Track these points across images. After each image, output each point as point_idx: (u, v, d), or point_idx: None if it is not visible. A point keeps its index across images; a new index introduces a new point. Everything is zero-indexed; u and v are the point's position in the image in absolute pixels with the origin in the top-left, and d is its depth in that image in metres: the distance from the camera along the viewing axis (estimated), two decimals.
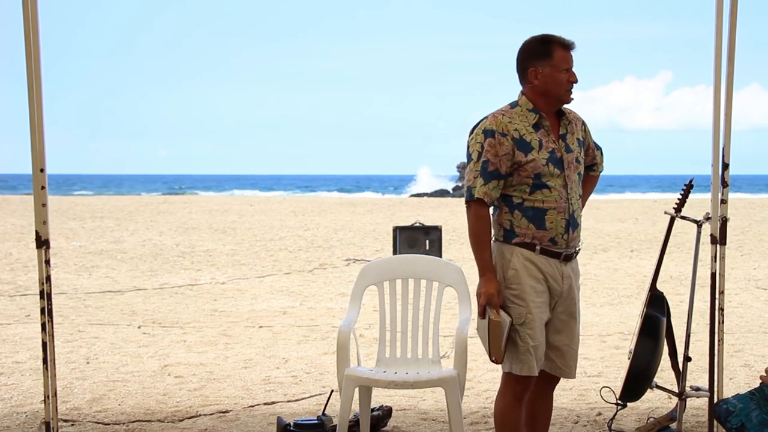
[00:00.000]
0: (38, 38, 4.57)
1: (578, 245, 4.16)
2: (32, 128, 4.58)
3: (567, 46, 4.09)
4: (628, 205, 30.70)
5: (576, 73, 4.12)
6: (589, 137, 4.29)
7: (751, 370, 7.06)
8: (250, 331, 8.89)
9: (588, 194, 4.36)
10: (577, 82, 4.11)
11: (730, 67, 4.64)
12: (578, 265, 4.25)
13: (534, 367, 4.12)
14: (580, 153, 4.19)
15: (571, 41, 4.11)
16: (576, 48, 4.13)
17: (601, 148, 4.38)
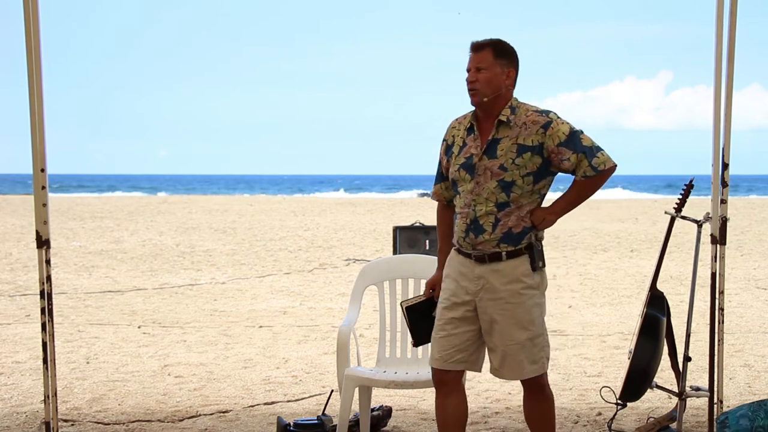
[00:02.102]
0: (39, 38, 4.58)
1: (494, 249, 4.12)
2: (33, 128, 4.58)
3: (471, 47, 4.23)
4: (628, 205, 30.72)
5: (469, 73, 4.19)
6: (551, 142, 4.06)
7: (751, 370, 7.06)
8: (250, 331, 8.89)
9: (573, 199, 4.17)
10: (470, 82, 4.18)
11: (730, 67, 4.64)
12: (522, 276, 4.10)
13: (434, 359, 4.23)
14: (512, 160, 4.09)
15: (474, 42, 4.22)
16: (476, 48, 4.19)
17: (585, 152, 4.06)
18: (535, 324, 4.14)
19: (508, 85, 4.19)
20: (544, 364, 4.20)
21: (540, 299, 4.18)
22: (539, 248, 4.15)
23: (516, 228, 4.10)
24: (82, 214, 24.98)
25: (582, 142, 4.08)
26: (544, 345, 4.19)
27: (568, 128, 4.09)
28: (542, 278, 4.19)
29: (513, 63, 4.21)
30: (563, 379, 6.82)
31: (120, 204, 30.21)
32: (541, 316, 4.19)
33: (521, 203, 4.11)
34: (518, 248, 4.10)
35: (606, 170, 4.09)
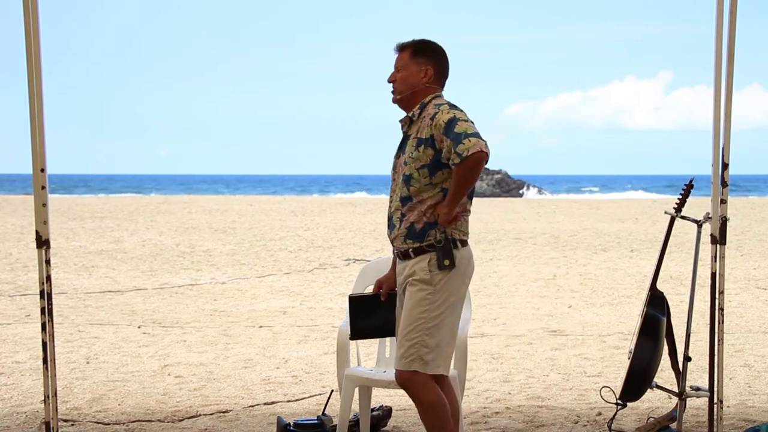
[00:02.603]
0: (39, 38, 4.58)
1: (403, 245, 4.18)
2: (33, 128, 4.58)
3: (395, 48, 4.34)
4: (628, 205, 30.71)
5: (390, 74, 4.31)
6: (436, 131, 4.05)
7: (751, 370, 7.07)
8: (250, 331, 8.89)
9: (453, 189, 4.06)
10: (389, 81, 4.31)
11: (730, 67, 4.64)
12: (423, 273, 4.10)
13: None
14: (411, 154, 4.14)
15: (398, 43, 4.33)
16: (398, 49, 4.31)
17: (453, 139, 3.99)
18: (414, 318, 4.10)
19: (425, 83, 4.24)
20: (413, 362, 4.10)
21: (432, 296, 4.10)
22: (449, 247, 4.09)
23: (418, 223, 4.12)
24: (82, 214, 24.98)
25: (455, 129, 4.02)
26: (418, 343, 4.09)
27: (449, 116, 4.06)
28: (446, 278, 4.10)
29: (432, 61, 4.26)
30: (563, 379, 6.82)
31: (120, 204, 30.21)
32: (429, 314, 4.09)
33: (422, 197, 4.12)
34: (423, 245, 4.11)
35: (469, 156, 3.94)
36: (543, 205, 31.89)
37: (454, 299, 4.17)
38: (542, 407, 6.01)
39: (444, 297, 4.12)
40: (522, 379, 6.84)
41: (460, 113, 4.09)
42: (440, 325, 4.13)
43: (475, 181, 4.07)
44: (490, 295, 11.22)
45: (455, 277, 4.13)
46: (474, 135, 3.99)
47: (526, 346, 8.07)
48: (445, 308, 4.13)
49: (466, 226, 4.21)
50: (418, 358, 4.11)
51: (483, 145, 3.97)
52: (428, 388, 4.14)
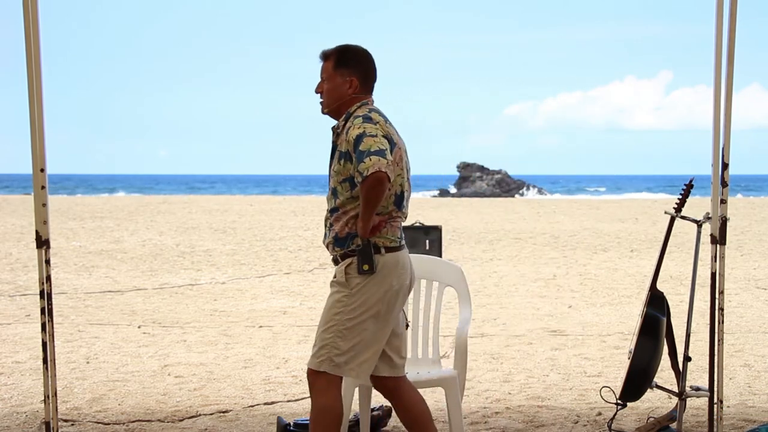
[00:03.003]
0: (39, 38, 4.58)
1: (332, 252, 4.21)
2: (32, 128, 4.59)
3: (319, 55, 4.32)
4: (628, 205, 30.72)
5: (317, 84, 4.31)
6: (350, 147, 4.05)
7: (751, 370, 7.06)
8: (250, 331, 8.89)
9: (362, 205, 4.03)
10: (316, 92, 4.30)
11: (730, 67, 4.64)
12: (340, 276, 4.13)
13: None
14: (335, 167, 4.16)
15: (322, 51, 4.31)
16: (322, 58, 4.30)
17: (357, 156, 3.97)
18: (328, 318, 4.12)
19: (351, 94, 4.21)
20: (323, 363, 4.11)
21: (347, 299, 4.09)
22: (368, 252, 4.08)
23: (341, 233, 4.15)
24: (82, 214, 24.98)
25: (360, 147, 3.97)
26: (329, 344, 4.10)
27: (358, 132, 4.03)
28: (364, 282, 4.09)
29: (356, 70, 4.23)
30: (563, 379, 6.82)
31: (120, 204, 30.21)
32: (342, 316, 4.10)
33: (347, 209, 4.14)
34: (348, 251, 4.13)
35: (368, 176, 3.91)
36: (543, 205, 31.89)
37: (378, 307, 4.12)
38: (542, 407, 6.01)
39: (361, 301, 4.10)
40: (522, 379, 6.84)
41: (371, 127, 4.04)
42: (356, 330, 4.10)
43: (380, 199, 3.99)
44: (490, 295, 11.22)
45: (375, 284, 4.10)
46: (376, 153, 3.93)
47: (526, 346, 8.07)
48: (362, 312, 4.10)
49: (393, 232, 4.17)
50: (329, 359, 4.12)
51: (383, 165, 3.91)
52: (328, 392, 4.14)
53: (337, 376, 4.15)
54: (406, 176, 4.23)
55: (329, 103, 4.25)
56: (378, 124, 4.08)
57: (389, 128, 4.14)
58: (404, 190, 4.20)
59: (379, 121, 4.10)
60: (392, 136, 4.12)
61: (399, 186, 4.17)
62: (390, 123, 4.19)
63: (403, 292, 4.21)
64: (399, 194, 4.17)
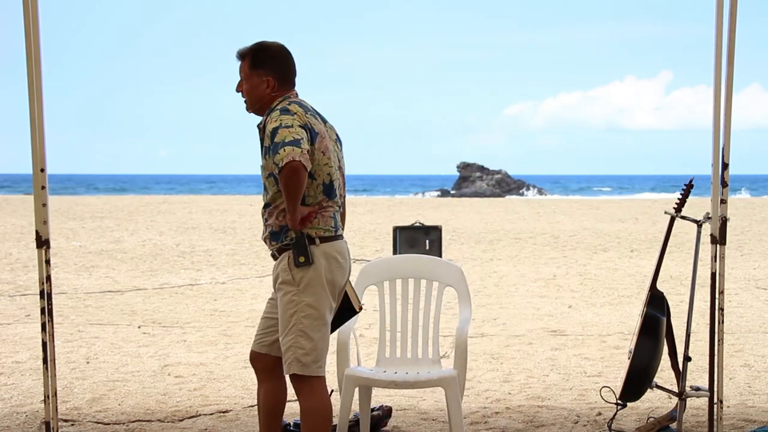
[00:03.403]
0: (39, 38, 4.58)
1: (269, 248, 4.26)
2: (33, 128, 4.59)
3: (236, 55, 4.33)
4: (628, 205, 30.72)
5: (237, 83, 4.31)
6: (269, 141, 4.08)
7: (751, 370, 7.06)
8: (250, 331, 8.89)
9: (284, 197, 4.05)
10: (237, 91, 4.31)
11: (730, 67, 4.64)
12: (285, 274, 4.15)
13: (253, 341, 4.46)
14: (261, 163, 4.21)
15: (238, 51, 4.32)
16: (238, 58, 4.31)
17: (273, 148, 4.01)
18: (286, 322, 4.15)
19: (270, 92, 4.24)
20: (291, 365, 4.12)
21: (297, 297, 4.12)
22: (302, 243, 4.12)
23: (275, 227, 4.19)
24: (82, 214, 24.99)
25: (275, 139, 4.01)
26: (292, 345, 4.12)
27: (274, 125, 4.06)
28: (306, 275, 4.13)
29: (272, 70, 4.24)
30: (563, 379, 6.82)
31: (120, 204, 30.22)
32: (296, 315, 4.12)
33: (277, 203, 4.17)
34: (282, 245, 4.17)
35: (284, 166, 3.93)
36: (543, 205, 31.90)
37: (327, 298, 4.18)
38: (542, 407, 6.01)
39: (310, 294, 4.14)
40: (522, 379, 6.84)
41: (287, 119, 4.06)
42: (314, 325, 4.14)
43: (299, 188, 3.99)
44: (490, 295, 11.22)
45: (319, 275, 4.15)
46: (291, 143, 3.96)
47: (526, 346, 8.07)
48: (315, 307, 4.15)
49: (326, 222, 4.20)
50: (296, 360, 4.13)
51: (296, 154, 3.92)
52: (312, 393, 4.17)
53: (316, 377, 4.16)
54: (336, 165, 4.26)
55: (251, 103, 4.30)
56: (296, 114, 4.09)
57: (309, 118, 4.14)
58: (333, 179, 4.22)
59: (298, 111, 4.11)
60: (314, 126, 4.14)
61: (327, 175, 4.19)
62: (314, 113, 4.22)
63: (336, 281, 4.23)
64: (327, 183, 4.19)
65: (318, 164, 4.13)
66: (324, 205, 4.19)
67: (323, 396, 4.19)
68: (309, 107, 4.22)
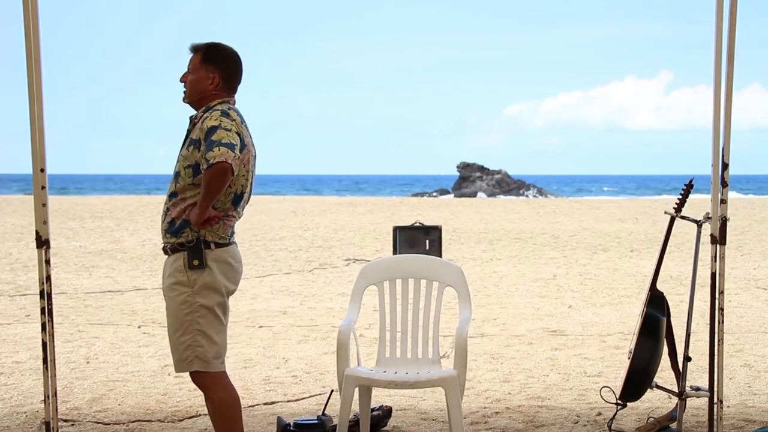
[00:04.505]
0: (39, 38, 4.58)
1: (164, 240, 4.34)
2: (33, 128, 4.59)
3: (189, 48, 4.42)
4: (628, 205, 30.72)
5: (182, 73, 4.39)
6: (201, 134, 4.16)
7: (751, 370, 7.07)
8: (250, 331, 8.89)
9: (202, 192, 4.14)
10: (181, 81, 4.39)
11: (730, 67, 4.65)
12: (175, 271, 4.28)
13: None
14: (183, 152, 4.26)
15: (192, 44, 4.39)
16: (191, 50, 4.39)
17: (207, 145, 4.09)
18: (181, 322, 4.26)
19: (212, 89, 4.32)
20: (192, 363, 4.22)
21: (192, 298, 4.24)
22: (198, 247, 4.21)
23: (177, 219, 4.27)
24: (82, 214, 24.98)
25: (212, 136, 4.10)
26: (192, 344, 4.22)
27: (214, 123, 4.14)
28: (200, 278, 4.22)
29: (220, 68, 4.33)
30: (563, 379, 6.82)
31: (120, 204, 30.22)
32: (192, 315, 4.24)
33: (185, 195, 4.26)
34: (179, 242, 4.24)
35: (214, 164, 4.02)
36: (543, 205, 31.90)
37: (220, 298, 4.28)
38: (542, 407, 6.01)
39: (203, 295, 4.24)
40: (522, 379, 6.84)
41: (227, 122, 4.16)
42: (209, 324, 4.25)
43: (221, 189, 4.11)
44: (490, 295, 11.22)
45: (212, 277, 4.25)
46: (227, 145, 4.06)
47: (526, 346, 8.07)
48: (209, 307, 4.25)
49: (225, 230, 4.32)
50: (197, 358, 4.23)
51: (230, 157, 4.04)
52: (218, 386, 4.26)
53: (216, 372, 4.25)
54: (250, 179, 4.36)
55: (191, 94, 4.36)
56: (234, 121, 4.20)
57: (243, 129, 4.25)
58: (244, 192, 4.33)
59: (236, 119, 4.23)
60: (244, 137, 4.24)
61: (241, 186, 4.29)
62: (246, 125, 4.32)
63: (229, 287, 4.35)
64: (239, 194, 4.30)
65: (237, 174, 4.24)
66: (229, 213, 4.33)
67: (230, 388, 4.30)
68: (243, 118, 4.33)
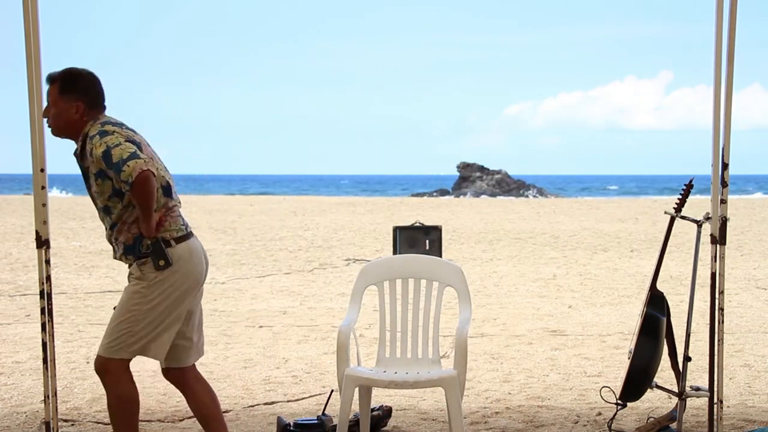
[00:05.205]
0: (38, 38, 4.58)
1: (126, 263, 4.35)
2: (32, 128, 4.59)
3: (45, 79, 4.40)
4: (628, 205, 30.71)
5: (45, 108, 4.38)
6: (101, 165, 4.18)
7: (751, 370, 7.07)
8: (250, 331, 8.89)
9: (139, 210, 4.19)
10: (44, 117, 4.39)
11: (730, 67, 4.65)
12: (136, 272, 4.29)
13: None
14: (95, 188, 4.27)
15: (47, 75, 4.36)
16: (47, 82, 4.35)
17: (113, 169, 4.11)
18: (126, 309, 4.26)
19: (78, 118, 4.29)
20: (121, 350, 4.24)
21: (146, 290, 4.24)
22: (160, 249, 4.23)
23: (128, 241, 4.29)
24: (82, 214, 24.98)
25: (112, 160, 4.11)
26: (127, 332, 4.24)
27: (102, 150, 4.15)
28: (162, 274, 4.24)
29: (81, 96, 4.30)
30: (563, 379, 6.82)
31: None
32: (139, 306, 4.24)
33: (124, 219, 4.28)
34: (141, 255, 4.27)
35: (135, 180, 4.06)
36: (543, 205, 31.90)
37: (176, 294, 4.28)
38: (542, 407, 6.01)
39: (160, 291, 4.25)
40: (522, 379, 6.84)
41: (111, 139, 4.17)
42: (152, 316, 4.26)
43: (153, 196, 4.16)
44: (490, 295, 11.22)
45: (172, 273, 4.27)
46: (130, 157, 4.09)
47: (526, 346, 8.07)
48: (161, 301, 4.26)
49: (176, 222, 4.32)
50: (126, 345, 4.26)
51: (142, 164, 4.09)
52: (121, 379, 4.29)
53: (125, 362, 4.29)
54: (163, 167, 4.40)
55: (58, 127, 4.35)
56: (114, 133, 4.20)
57: (127, 131, 4.27)
58: (168, 179, 4.36)
59: (114, 129, 4.23)
60: (134, 137, 4.26)
61: (162, 177, 4.31)
62: (125, 125, 4.32)
63: (199, 279, 4.36)
64: (165, 185, 4.32)
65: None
66: (169, 206, 4.33)
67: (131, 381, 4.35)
68: (119, 122, 4.33)
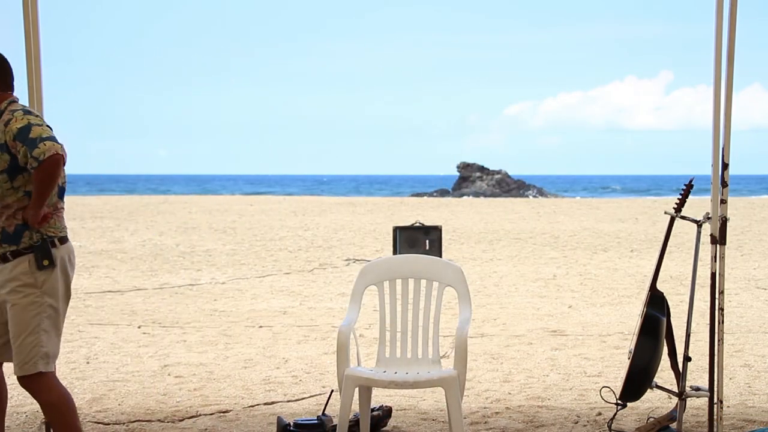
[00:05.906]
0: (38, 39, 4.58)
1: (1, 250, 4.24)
2: None
3: None
4: (628, 205, 30.72)
5: None
6: (9, 137, 4.14)
7: (751, 370, 7.06)
8: (250, 331, 8.90)
9: (36, 192, 4.14)
10: None
11: (730, 67, 4.65)
12: (21, 274, 4.20)
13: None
14: None
15: None
16: None
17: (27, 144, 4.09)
18: (27, 323, 4.21)
19: None
20: (37, 364, 4.22)
21: (40, 299, 4.22)
22: (46, 247, 4.21)
23: (10, 227, 4.23)
24: (82, 214, 24.99)
25: (30, 135, 4.12)
26: (37, 344, 4.21)
27: (23, 123, 4.15)
28: (49, 278, 4.23)
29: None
30: (563, 379, 6.82)
31: (120, 204, 30.23)
32: (39, 316, 4.22)
33: (7, 202, 4.22)
34: (22, 247, 4.21)
35: (46, 159, 4.06)
36: (543, 205, 31.90)
37: (64, 296, 4.32)
38: (542, 407, 6.01)
39: (50, 295, 4.25)
40: (522, 379, 6.84)
41: (35, 119, 4.20)
42: (53, 323, 4.26)
43: (56, 182, 4.16)
44: (490, 295, 11.22)
45: (57, 276, 4.27)
46: (49, 139, 4.11)
47: (526, 346, 8.07)
48: (55, 307, 4.27)
49: (61, 223, 4.33)
50: (42, 357, 4.24)
51: (59, 148, 4.11)
52: (50, 388, 4.29)
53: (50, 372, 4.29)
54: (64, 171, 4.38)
55: None
56: (39, 117, 4.26)
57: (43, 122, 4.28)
58: (65, 183, 4.38)
59: (38, 115, 4.29)
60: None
61: (63, 179, 4.32)
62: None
63: (71, 280, 4.39)
64: (62, 186, 4.35)
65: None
66: (58, 206, 4.33)
67: (61, 388, 4.33)
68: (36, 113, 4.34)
